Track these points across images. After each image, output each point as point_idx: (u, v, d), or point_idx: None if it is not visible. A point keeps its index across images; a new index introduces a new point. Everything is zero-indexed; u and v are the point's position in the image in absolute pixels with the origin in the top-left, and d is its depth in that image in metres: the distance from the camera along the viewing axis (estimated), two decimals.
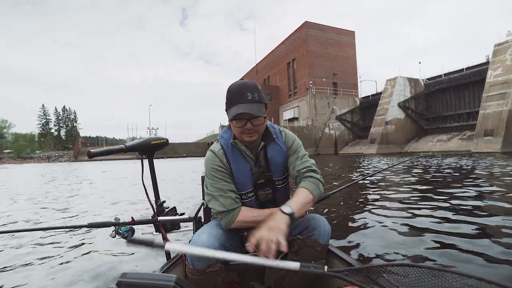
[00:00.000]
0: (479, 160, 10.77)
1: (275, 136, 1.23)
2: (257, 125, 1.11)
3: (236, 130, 1.14)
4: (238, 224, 1.13)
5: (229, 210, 1.12)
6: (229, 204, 1.12)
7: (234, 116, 1.08)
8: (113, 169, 17.19)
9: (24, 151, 61.46)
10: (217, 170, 1.15)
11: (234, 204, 1.13)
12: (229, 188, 1.15)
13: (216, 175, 1.15)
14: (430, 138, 25.73)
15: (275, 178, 1.25)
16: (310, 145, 30.92)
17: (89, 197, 6.04)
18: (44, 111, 77.09)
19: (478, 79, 22.38)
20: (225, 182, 1.15)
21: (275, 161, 1.23)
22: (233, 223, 1.12)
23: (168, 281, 0.61)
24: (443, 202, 3.68)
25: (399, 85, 27.22)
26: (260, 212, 1.15)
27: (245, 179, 1.19)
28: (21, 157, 55.43)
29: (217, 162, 1.16)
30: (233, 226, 1.13)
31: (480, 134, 18.62)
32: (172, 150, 45.34)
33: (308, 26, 35.76)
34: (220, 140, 1.21)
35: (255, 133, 1.13)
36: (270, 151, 1.23)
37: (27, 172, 18.51)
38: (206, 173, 1.19)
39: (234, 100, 1.10)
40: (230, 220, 1.12)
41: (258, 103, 1.10)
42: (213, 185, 1.15)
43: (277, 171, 1.24)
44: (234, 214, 1.13)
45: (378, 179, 6.43)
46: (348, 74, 38.01)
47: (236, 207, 1.14)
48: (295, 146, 1.26)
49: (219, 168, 1.16)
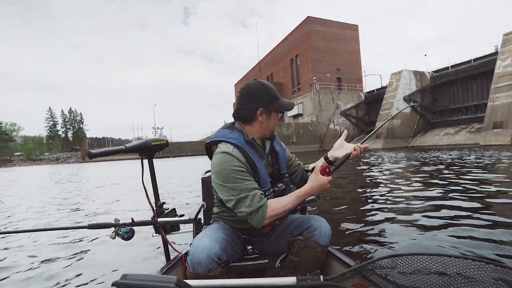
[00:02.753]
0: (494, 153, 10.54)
1: (275, 134, 1.33)
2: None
3: (274, 123, 1.25)
4: (270, 219, 1.09)
5: (258, 208, 1.07)
6: (257, 202, 1.07)
7: (287, 108, 1.24)
8: (125, 169, 17.35)
9: (33, 153, 62.57)
10: (238, 171, 1.09)
11: (262, 201, 1.08)
12: (253, 186, 1.10)
13: (237, 176, 1.08)
14: (437, 131, 25.33)
15: (282, 172, 1.30)
16: (315, 141, 30.78)
17: (90, 197, 6.08)
18: (51, 114, 78.50)
19: (486, 70, 21.91)
20: (248, 181, 1.10)
21: (282, 155, 1.33)
22: (265, 219, 1.08)
23: (168, 282, 0.60)
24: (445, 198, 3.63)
25: (405, 79, 26.82)
26: (286, 199, 1.13)
27: (265, 175, 1.19)
28: (31, 159, 56.53)
29: (235, 163, 1.10)
30: (265, 222, 1.09)
31: (488, 127, 18.26)
32: (177, 149, 45.68)
33: (311, 21, 35.43)
34: (229, 140, 1.15)
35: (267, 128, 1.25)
36: (277, 146, 1.32)
37: (36, 174, 18.82)
38: (220, 177, 1.11)
39: (276, 94, 1.22)
40: (261, 217, 1.07)
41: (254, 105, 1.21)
42: (235, 188, 1.08)
43: (283, 165, 1.31)
44: (263, 210, 1.07)
45: (379, 177, 6.36)
46: (352, 69, 37.61)
47: (264, 203, 1.09)
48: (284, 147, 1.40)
49: (239, 168, 1.09)
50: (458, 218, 2.81)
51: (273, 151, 1.30)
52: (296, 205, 1.13)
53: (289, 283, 0.77)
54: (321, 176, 1.13)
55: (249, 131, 1.20)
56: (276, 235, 1.29)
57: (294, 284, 0.76)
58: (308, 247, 1.17)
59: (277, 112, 1.23)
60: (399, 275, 0.77)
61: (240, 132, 1.20)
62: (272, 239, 1.29)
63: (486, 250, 2.00)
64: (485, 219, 2.66)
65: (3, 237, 3.04)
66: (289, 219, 1.31)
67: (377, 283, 0.79)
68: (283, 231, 1.28)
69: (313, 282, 0.76)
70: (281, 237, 1.28)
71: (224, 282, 0.84)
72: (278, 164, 1.29)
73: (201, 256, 1.02)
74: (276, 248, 1.28)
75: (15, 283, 1.92)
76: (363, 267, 0.81)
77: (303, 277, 0.78)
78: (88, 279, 1.94)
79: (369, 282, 0.81)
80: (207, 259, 1.02)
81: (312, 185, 1.12)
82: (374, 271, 0.80)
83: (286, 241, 1.25)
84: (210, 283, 0.84)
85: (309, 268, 1.10)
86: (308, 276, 0.78)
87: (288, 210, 1.11)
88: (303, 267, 1.17)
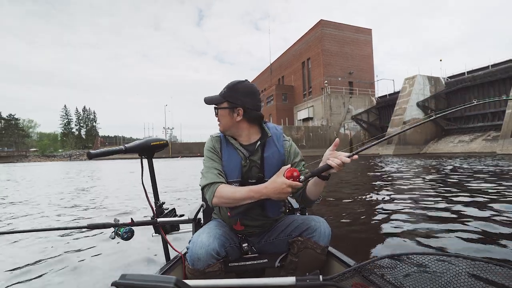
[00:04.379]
0: None
1: (270, 134, 1.28)
2: (216, 114, 1.28)
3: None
4: (218, 199, 1.13)
5: (210, 183, 1.16)
6: (211, 178, 1.17)
7: None
8: (132, 168, 17.62)
9: (48, 149, 64.51)
10: (209, 152, 1.27)
11: (216, 179, 1.17)
12: (215, 166, 1.22)
13: (207, 156, 1.26)
14: (451, 139, 24.68)
15: (267, 178, 1.18)
16: (324, 145, 30.50)
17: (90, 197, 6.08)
18: (66, 112, 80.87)
19: (505, 77, 21.24)
20: (213, 161, 1.24)
21: (270, 160, 1.25)
22: (214, 197, 1.14)
23: (167, 282, 0.60)
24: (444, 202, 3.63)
25: (418, 84, 26.31)
26: (238, 188, 1.13)
27: (233, 167, 1.23)
28: (45, 156, 58.26)
29: (210, 145, 1.28)
30: (214, 201, 1.14)
31: (506, 135, 17.66)
32: (187, 150, 46.23)
33: (324, 24, 35.29)
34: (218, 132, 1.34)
35: (219, 122, 1.28)
36: (268, 151, 1.26)
37: (47, 170, 19.32)
38: (204, 157, 1.30)
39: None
40: (211, 192, 1.14)
41: (219, 97, 1.25)
42: (204, 164, 1.25)
43: (271, 171, 1.20)
44: (213, 188, 1.15)
45: (380, 180, 6.32)
46: (365, 73, 37.21)
47: (217, 181, 1.16)
48: (295, 153, 1.29)
49: (211, 150, 1.27)
50: (459, 219, 2.83)
51: (261, 154, 1.24)
52: (247, 197, 1.08)
53: (289, 283, 0.77)
54: (283, 178, 1.03)
55: None
56: (275, 236, 1.29)
57: (293, 284, 0.76)
58: (308, 248, 1.17)
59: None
60: (399, 275, 0.77)
61: None
62: (271, 240, 1.30)
63: (486, 250, 2.02)
64: (485, 219, 2.70)
65: (2, 237, 3.04)
66: (288, 219, 1.30)
67: (376, 283, 0.79)
68: (283, 231, 1.27)
69: (313, 282, 0.76)
70: (280, 238, 1.28)
71: (223, 282, 0.84)
72: (263, 168, 1.23)
73: (200, 252, 1.04)
74: (276, 249, 1.29)
75: (14, 284, 1.92)
76: (362, 267, 0.81)
77: (303, 277, 0.78)
78: (88, 279, 1.94)
79: (368, 282, 0.81)
80: (206, 255, 1.04)
81: (267, 185, 1.06)
82: (373, 271, 0.80)
83: (286, 242, 1.26)
84: (209, 283, 0.84)
85: (309, 269, 1.10)
86: (307, 276, 0.79)
87: (237, 198, 1.10)
88: (303, 267, 1.18)
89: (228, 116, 1.24)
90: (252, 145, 1.27)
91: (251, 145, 1.27)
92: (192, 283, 0.80)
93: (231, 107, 1.23)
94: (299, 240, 1.19)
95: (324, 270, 1.25)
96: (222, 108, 1.24)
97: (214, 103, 1.26)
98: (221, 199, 1.13)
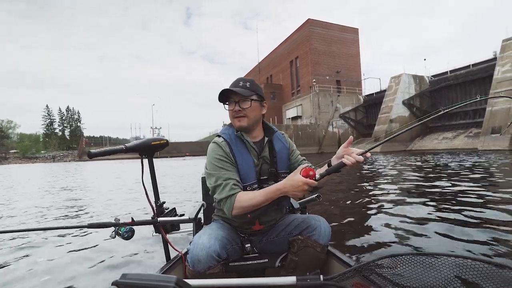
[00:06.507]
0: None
1: (275, 130, 1.32)
2: (245, 108, 1.18)
3: (229, 114, 1.22)
4: (237, 210, 1.10)
5: (228, 196, 1.11)
6: (228, 191, 1.12)
7: (221, 94, 1.17)
8: (128, 168, 17.26)
9: (29, 151, 62.21)
10: (220, 160, 1.17)
11: (233, 190, 1.12)
12: (229, 176, 1.15)
13: (218, 165, 1.17)
14: (435, 136, 25.47)
15: (280, 171, 1.26)
16: (313, 143, 30.83)
17: (89, 197, 6.03)
18: (48, 112, 78.05)
19: (485, 76, 22.06)
20: (226, 171, 1.16)
21: (282, 154, 1.29)
22: (233, 209, 1.10)
23: (168, 282, 0.60)
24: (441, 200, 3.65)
25: (404, 83, 26.97)
26: (256, 193, 1.11)
27: (249, 170, 1.21)
28: (27, 157, 56.20)
29: (220, 152, 1.18)
30: (235, 213, 1.11)
31: (487, 132, 18.37)
32: (175, 150, 45.61)
33: (311, 23, 35.59)
34: (222, 135, 1.25)
35: (244, 117, 1.19)
36: (277, 145, 1.30)
37: (30, 172, 18.68)
38: (207, 165, 1.20)
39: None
40: (230, 205, 1.11)
41: (248, 89, 1.18)
42: (214, 175, 1.16)
43: (282, 164, 1.28)
44: (232, 200, 1.11)
45: (379, 179, 6.39)
46: (352, 72, 37.81)
47: (235, 193, 1.12)
48: (294, 147, 1.38)
49: (222, 158, 1.18)
50: (459, 219, 2.84)
51: (272, 148, 1.28)
52: (266, 200, 1.07)
53: (289, 282, 0.76)
54: (299, 176, 1.04)
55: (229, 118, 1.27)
56: (275, 234, 1.29)
57: (294, 284, 0.76)
58: (308, 247, 1.17)
59: (223, 102, 1.23)
60: (399, 275, 0.77)
61: (233, 127, 1.26)
62: (271, 238, 1.30)
63: (486, 250, 2.02)
64: (485, 220, 2.71)
65: (2, 236, 3.00)
66: (288, 218, 1.31)
67: (377, 282, 0.79)
68: (283, 230, 1.28)
69: (313, 282, 0.76)
70: (280, 237, 1.28)
71: (224, 282, 0.83)
72: (276, 163, 1.26)
73: (201, 253, 1.03)
74: (276, 247, 1.29)
75: (14, 283, 1.91)
76: (363, 267, 0.81)
77: (303, 276, 0.78)
78: (88, 278, 1.93)
79: (369, 282, 0.81)
80: (206, 257, 1.03)
81: (286, 182, 1.05)
82: (374, 271, 0.80)
83: (286, 240, 1.26)
84: (210, 283, 0.83)
85: (309, 268, 1.11)
86: (308, 276, 0.78)
87: (257, 204, 1.08)
88: (303, 266, 1.18)
89: (258, 109, 1.24)
90: (260, 142, 1.28)
91: (259, 142, 1.28)
92: (193, 282, 0.79)
93: (261, 99, 1.23)
94: (299, 239, 1.20)
95: (325, 270, 1.25)
96: (255, 100, 1.20)
97: (246, 94, 1.18)
98: (241, 209, 1.11)
